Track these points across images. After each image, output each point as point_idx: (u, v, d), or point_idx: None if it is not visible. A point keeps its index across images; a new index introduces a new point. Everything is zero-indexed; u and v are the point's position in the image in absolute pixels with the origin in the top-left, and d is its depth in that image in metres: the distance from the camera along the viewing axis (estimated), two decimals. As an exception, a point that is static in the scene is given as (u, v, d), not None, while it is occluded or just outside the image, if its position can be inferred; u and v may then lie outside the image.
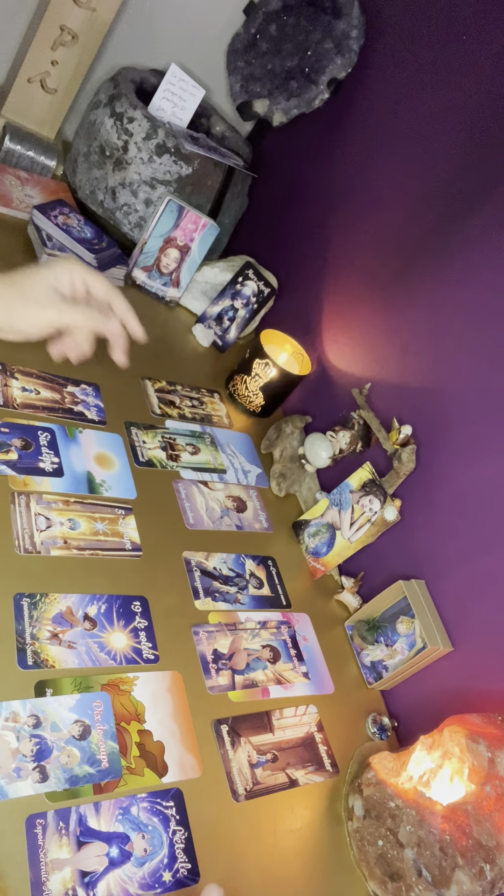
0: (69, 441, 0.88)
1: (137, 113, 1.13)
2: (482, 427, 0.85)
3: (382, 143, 1.07)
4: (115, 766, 0.64)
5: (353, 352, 1.09)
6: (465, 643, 0.83)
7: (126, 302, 0.72)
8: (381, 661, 0.89)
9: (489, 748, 0.68)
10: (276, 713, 0.79)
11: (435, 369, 0.93)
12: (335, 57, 1.11)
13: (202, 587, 0.85)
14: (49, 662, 0.67)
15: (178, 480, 0.95)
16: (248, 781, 0.72)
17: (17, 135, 1.20)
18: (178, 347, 1.18)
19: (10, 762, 0.59)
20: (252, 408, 1.14)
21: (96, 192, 1.19)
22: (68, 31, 1.13)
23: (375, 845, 0.70)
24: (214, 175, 1.20)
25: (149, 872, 0.60)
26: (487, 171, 0.89)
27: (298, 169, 1.26)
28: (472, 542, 0.84)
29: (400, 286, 1.01)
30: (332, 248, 1.16)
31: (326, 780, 0.77)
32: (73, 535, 0.79)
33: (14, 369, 0.90)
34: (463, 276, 0.90)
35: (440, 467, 0.90)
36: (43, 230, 1.09)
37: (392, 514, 0.91)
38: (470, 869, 0.64)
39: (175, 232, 1.15)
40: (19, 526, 0.75)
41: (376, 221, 1.07)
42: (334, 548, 0.96)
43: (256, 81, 1.19)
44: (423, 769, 0.70)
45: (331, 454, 1.03)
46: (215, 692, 0.76)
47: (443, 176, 0.96)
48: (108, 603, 0.75)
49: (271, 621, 0.88)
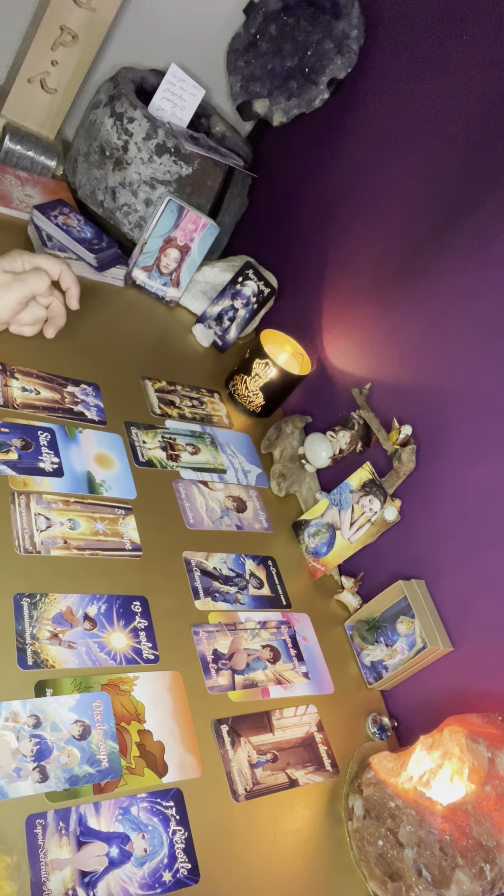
0: (69, 441, 0.88)
1: (137, 113, 1.13)
2: (482, 427, 0.85)
3: (383, 142, 1.07)
4: (115, 766, 0.64)
5: (353, 352, 1.09)
6: (465, 643, 0.83)
7: (73, 275, 0.89)
8: (381, 661, 0.89)
9: (489, 748, 0.68)
10: (276, 713, 0.79)
11: (435, 369, 0.93)
12: (335, 57, 1.11)
13: (202, 587, 0.85)
14: (49, 662, 0.67)
15: (178, 480, 0.95)
16: (248, 781, 0.72)
17: (17, 135, 1.20)
18: (178, 347, 1.18)
19: (10, 762, 0.59)
20: (252, 408, 1.14)
21: (96, 192, 1.19)
22: (68, 31, 1.13)
23: (375, 845, 0.70)
24: (214, 175, 1.20)
25: (149, 872, 0.60)
26: (488, 171, 0.89)
27: (299, 169, 1.26)
28: (472, 541, 0.84)
29: (400, 286, 1.01)
30: (333, 247, 1.16)
31: (326, 780, 0.77)
32: (73, 535, 0.79)
33: (14, 369, 0.90)
34: (463, 276, 0.90)
35: (440, 467, 0.90)
36: (43, 230, 1.09)
37: (392, 514, 0.91)
38: (470, 869, 0.64)
39: (175, 232, 1.15)
40: (19, 526, 0.75)
41: (376, 221, 1.07)
42: (334, 548, 0.96)
43: (256, 81, 1.19)
44: (423, 769, 0.70)
45: (331, 454, 1.03)
46: (215, 692, 0.76)
47: (443, 175, 0.96)
48: (108, 603, 0.75)
49: (271, 621, 0.88)
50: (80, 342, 1.02)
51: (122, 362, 1.06)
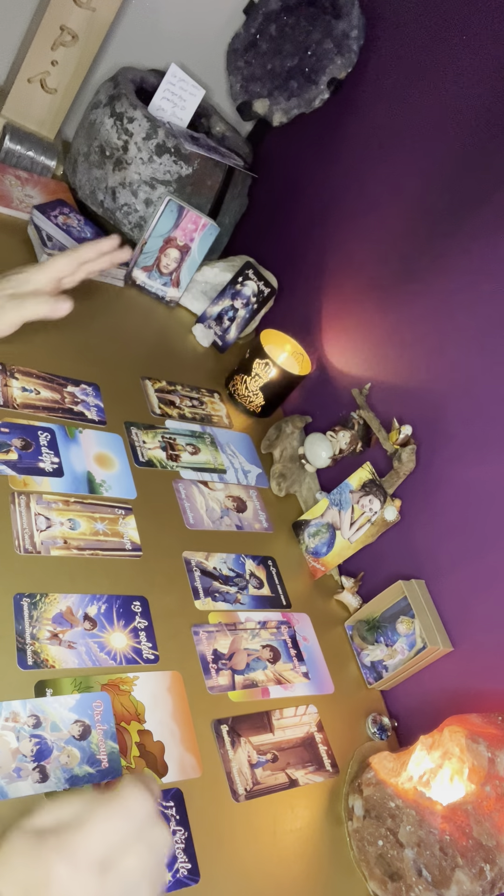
0: (69, 441, 0.88)
1: (137, 113, 1.13)
2: (482, 427, 0.85)
3: (383, 142, 1.07)
4: (115, 766, 0.64)
5: (353, 352, 1.09)
6: (465, 643, 0.83)
7: (82, 252, 0.78)
8: (381, 661, 0.89)
9: (489, 748, 0.68)
10: (276, 713, 0.79)
11: (435, 369, 0.93)
12: (335, 57, 1.11)
13: (202, 587, 0.85)
14: (49, 662, 0.67)
15: (178, 480, 0.95)
16: (248, 781, 0.72)
17: (17, 135, 1.20)
18: (178, 347, 1.18)
19: (10, 762, 0.59)
20: (252, 408, 1.14)
21: (96, 192, 1.19)
22: (68, 31, 1.13)
23: (375, 845, 0.70)
24: (214, 175, 1.20)
25: (149, 872, 0.60)
26: (488, 171, 0.89)
27: (298, 169, 1.26)
28: (472, 542, 0.84)
29: (400, 286, 1.01)
30: (333, 247, 1.16)
31: (326, 780, 0.77)
32: (73, 535, 0.79)
33: (14, 369, 0.90)
34: (463, 276, 0.90)
35: (440, 467, 0.90)
36: (43, 230, 1.09)
37: (392, 514, 0.91)
38: (470, 869, 0.64)
39: (175, 232, 1.15)
40: (19, 526, 0.75)
41: (376, 221, 1.07)
42: (334, 548, 0.96)
43: (256, 81, 1.19)
44: (423, 769, 0.70)
45: (331, 454, 1.03)
46: (215, 692, 0.76)
47: (443, 175, 0.96)
48: (108, 603, 0.75)
49: (271, 621, 0.88)
50: (80, 342, 1.02)
51: (122, 362, 1.06)
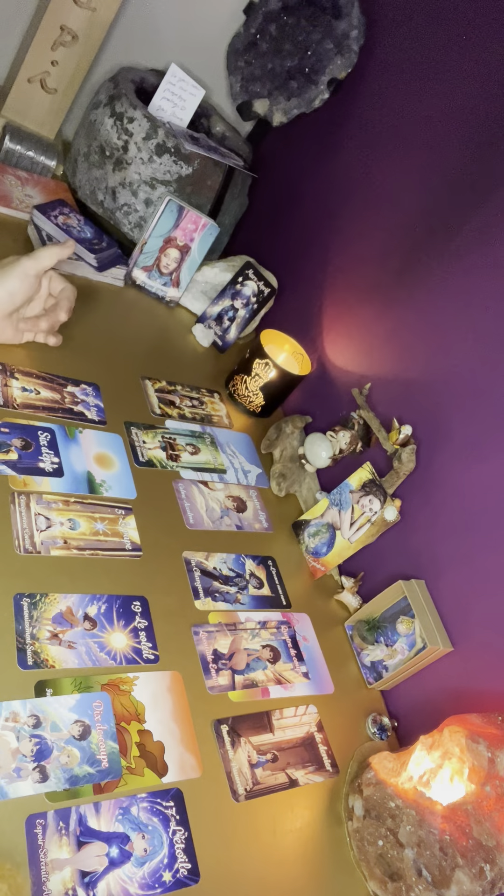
0: (69, 441, 0.88)
1: (137, 113, 1.13)
2: (482, 427, 0.85)
3: (383, 143, 1.07)
4: (115, 766, 0.64)
5: (353, 352, 1.09)
6: (465, 643, 0.83)
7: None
8: (381, 661, 0.89)
9: (489, 748, 0.68)
10: (276, 713, 0.79)
11: (435, 369, 0.93)
12: (335, 57, 1.11)
13: (202, 587, 0.85)
14: (49, 662, 0.67)
15: (178, 480, 0.95)
16: (248, 781, 0.72)
17: (17, 135, 1.20)
18: (178, 347, 1.18)
19: (10, 762, 0.59)
20: (252, 408, 1.14)
21: (96, 192, 1.19)
22: (68, 31, 1.13)
23: (375, 845, 0.70)
24: (214, 175, 1.20)
25: (149, 872, 0.60)
26: (488, 171, 0.89)
27: (298, 169, 1.26)
28: (472, 542, 0.84)
29: (400, 286, 1.01)
30: (333, 248, 1.16)
31: (326, 780, 0.77)
32: (73, 535, 0.79)
33: (14, 369, 0.90)
34: (464, 277, 0.90)
35: (440, 467, 0.90)
36: (43, 230, 1.09)
37: (392, 514, 0.91)
38: (470, 869, 0.64)
39: (175, 232, 1.15)
40: (19, 526, 0.75)
41: (376, 221, 1.07)
42: (334, 548, 0.96)
43: (256, 81, 1.19)
44: (423, 769, 0.70)
45: (331, 454, 1.03)
46: (215, 692, 0.76)
47: (444, 175, 0.96)
48: (108, 603, 0.75)
49: (271, 621, 0.88)
50: (80, 342, 1.02)
51: (121, 362, 1.06)
